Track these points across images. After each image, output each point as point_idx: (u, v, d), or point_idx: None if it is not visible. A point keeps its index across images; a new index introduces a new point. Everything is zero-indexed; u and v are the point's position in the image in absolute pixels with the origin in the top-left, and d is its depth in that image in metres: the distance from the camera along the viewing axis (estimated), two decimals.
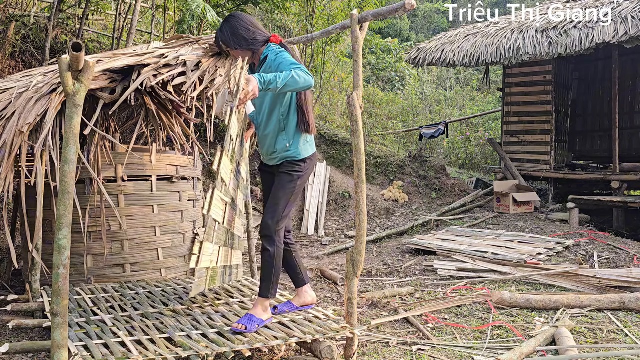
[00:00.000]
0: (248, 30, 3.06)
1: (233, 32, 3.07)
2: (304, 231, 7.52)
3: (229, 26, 3.09)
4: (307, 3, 8.20)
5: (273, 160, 3.17)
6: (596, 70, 9.80)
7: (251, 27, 3.08)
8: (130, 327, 3.03)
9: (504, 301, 4.03)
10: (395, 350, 3.24)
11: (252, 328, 2.90)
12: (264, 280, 3.05)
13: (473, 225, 7.25)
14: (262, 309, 3.02)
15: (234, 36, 3.06)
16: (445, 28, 16.37)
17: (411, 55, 9.35)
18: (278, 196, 3.04)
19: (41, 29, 6.98)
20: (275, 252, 3.01)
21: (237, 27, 3.06)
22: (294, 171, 3.07)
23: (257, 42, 3.08)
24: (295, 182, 3.06)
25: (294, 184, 3.06)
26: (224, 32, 3.10)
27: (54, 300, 2.42)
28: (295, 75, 2.78)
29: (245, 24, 3.08)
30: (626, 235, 6.79)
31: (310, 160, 3.16)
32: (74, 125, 2.48)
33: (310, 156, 3.17)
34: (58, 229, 2.45)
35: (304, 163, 3.11)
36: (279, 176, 3.11)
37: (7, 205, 5.12)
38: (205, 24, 6.15)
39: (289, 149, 3.08)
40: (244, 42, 3.07)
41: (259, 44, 3.08)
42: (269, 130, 3.12)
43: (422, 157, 9.69)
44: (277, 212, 3.01)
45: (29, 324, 3.49)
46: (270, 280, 3.03)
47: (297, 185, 3.07)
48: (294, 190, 3.06)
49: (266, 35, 3.11)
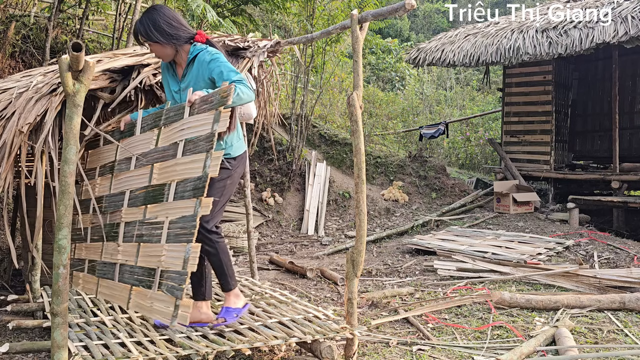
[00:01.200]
0: (171, 25, 2.88)
1: (154, 24, 2.86)
2: (304, 231, 7.52)
3: (149, 18, 2.88)
4: (307, 3, 8.19)
5: None
6: (596, 70, 9.79)
7: (174, 21, 2.91)
8: (130, 328, 3.03)
9: (504, 301, 4.03)
10: (395, 350, 3.24)
11: (232, 319, 2.92)
12: (221, 277, 3.02)
13: (473, 225, 7.25)
14: (235, 298, 3.05)
15: (155, 29, 2.85)
16: (445, 28, 16.37)
17: (411, 55, 9.36)
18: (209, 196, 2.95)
19: (41, 29, 6.98)
20: (219, 248, 2.96)
21: (158, 20, 2.87)
22: (225, 169, 2.93)
23: (180, 37, 2.91)
24: (225, 181, 2.96)
25: (223, 182, 2.95)
26: (144, 24, 2.89)
27: (54, 300, 2.42)
28: (240, 93, 2.67)
29: (167, 18, 2.89)
30: (626, 235, 6.79)
31: (241, 158, 3.06)
32: (74, 125, 2.49)
33: (242, 154, 3.07)
34: (58, 229, 2.45)
35: (234, 161, 3.00)
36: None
37: (7, 206, 5.11)
38: (205, 24, 6.14)
39: (223, 147, 2.95)
40: (165, 36, 2.87)
41: (182, 40, 2.91)
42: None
43: (422, 157, 9.69)
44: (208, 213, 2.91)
45: (29, 324, 3.49)
46: (226, 274, 3.01)
47: (226, 185, 2.98)
48: (224, 189, 2.97)
49: (191, 32, 2.95)
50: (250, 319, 3.14)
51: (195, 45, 2.93)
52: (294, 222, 7.80)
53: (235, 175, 3.02)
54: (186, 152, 2.69)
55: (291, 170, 8.36)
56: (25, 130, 3.03)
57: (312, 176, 8.29)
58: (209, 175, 2.49)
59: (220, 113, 2.53)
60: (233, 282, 3.06)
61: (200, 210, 2.47)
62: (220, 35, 4.12)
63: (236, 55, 3.76)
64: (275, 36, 4.47)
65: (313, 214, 7.78)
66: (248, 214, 4.63)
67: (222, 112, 2.53)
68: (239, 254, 6.13)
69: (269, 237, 7.26)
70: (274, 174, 8.31)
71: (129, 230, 2.96)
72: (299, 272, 5.32)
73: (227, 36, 4.02)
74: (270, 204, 7.92)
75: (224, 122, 2.52)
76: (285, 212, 7.95)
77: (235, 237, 6.25)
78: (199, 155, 2.58)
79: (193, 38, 2.94)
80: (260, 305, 3.43)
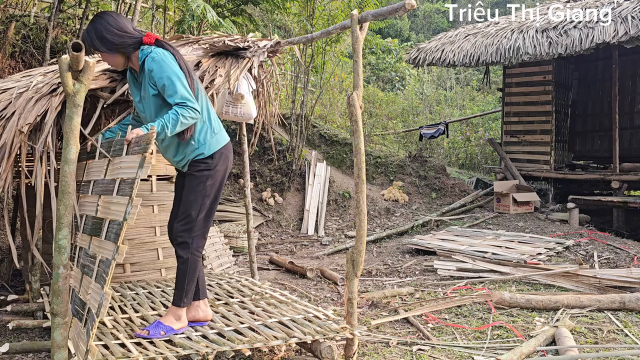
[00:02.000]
0: (114, 34, 2.73)
1: (97, 34, 2.71)
2: (304, 231, 7.52)
3: (93, 28, 2.73)
4: (307, 3, 8.19)
5: (182, 163, 2.91)
6: (596, 70, 9.79)
7: (117, 29, 2.74)
8: (129, 329, 3.03)
9: (504, 301, 4.03)
10: (395, 350, 3.24)
11: (156, 334, 2.77)
12: (177, 289, 2.88)
13: (473, 225, 7.25)
14: (174, 317, 2.88)
15: (99, 39, 2.70)
16: (445, 28, 16.36)
17: (411, 55, 9.36)
18: (188, 201, 2.83)
19: (41, 29, 6.98)
20: (190, 259, 2.83)
21: (101, 29, 2.72)
22: (201, 170, 2.83)
23: (127, 45, 2.75)
24: (204, 183, 2.83)
25: (202, 185, 2.82)
26: (90, 34, 2.74)
27: (54, 300, 2.42)
28: (183, 119, 2.60)
29: (110, 27, 2.73)
30: (626, 235, 6.79)
31: (220, 154, 2.88)
32: (74, 125, 2.49)
33: (222, 149, 2.89)
34: (58, 229, 2.45)
35: (211, 159, 2.84)
36: (187, 178, 2.88)
37: (7, 206, 5.11)
38: (205, 24, 6.14)
39: (195, 147, 2.83)
40: (110, 45, 2.73)
41: (129, 48, 2.76)
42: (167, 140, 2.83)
43: (422, 157, 9.70)
44: (190, 218, 2.82)
45: (29, 324, 3.49)
46: (183, 289, 2.85)
47: (207, 187, 2.83)
48: (204, 192, 2.83)
49: (137, 37, 2.78)
50: (250, 318, 3.14)
51: (142, 49, 2.77)
52: (294, 222, 7.80)
53: (216, 175, 2.87)
54: (119, 192, 2.53)
55: (291, 170, 8.36)
56: (25, 131, 3.03)
57: (312, 176, 8.29)
58: (124, 223, 2.33)
59: (145, 159, 2.39)
60: (186, 300, 2.88)
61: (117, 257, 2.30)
62: (220, 35, 4.12)
63: (236, 55, 3.76)
64: (275, 36, 4.46)
65: (313, 214, 7.78)
66: (248, 214, 4.64)
67: (146, 158, 2.39)
68: (239, 254, 6.12)
69: (269, 237, 7.26)
70: (274, 174, 8.31)
71: (80, 256, 2.84)
72: (299, 272, 5.32)
73: (227, 36, 4.02)
74: (270, 204, 7.92)
75: (147, 168, 2.38)
76: (285, 212, 7.95)
77: (235, 237, 6.25)
78: (125, 199, 2.43)
79: (141, 42, 2.78)
80: (260, 305, 3.43)
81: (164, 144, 2.88)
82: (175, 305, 2.91)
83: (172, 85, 2.67)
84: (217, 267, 4.92)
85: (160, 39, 2.83)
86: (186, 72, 2.76)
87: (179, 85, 2.67)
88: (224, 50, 3.72)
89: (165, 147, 2.90)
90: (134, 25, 2.97)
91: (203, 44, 3.76)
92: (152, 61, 2.71)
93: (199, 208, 2.83)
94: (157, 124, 2.56)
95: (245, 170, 4.58)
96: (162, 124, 2.58)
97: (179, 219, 2.86)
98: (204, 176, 2.83)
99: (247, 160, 4.57)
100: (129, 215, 2.33)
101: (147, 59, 2.73)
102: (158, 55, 2.72)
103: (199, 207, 2.83)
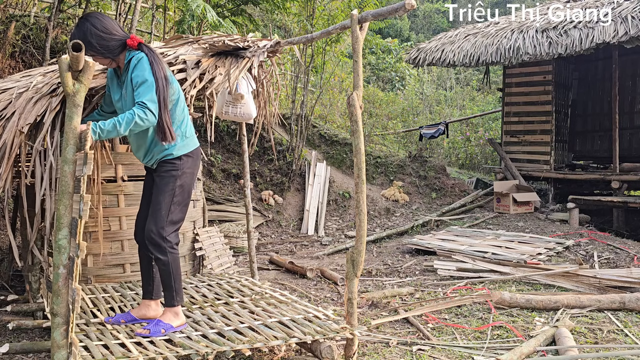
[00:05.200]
0: (100, 37, 2.75)
1: (83, 38, 2.70)
2: (304, 231, 7.52)
3: (79, 31, 2.75)
4: (307, 3, 8.19)
5: (150, 162, 3.00)
6: (596, 70, 9.79)
7: (103, 33, 2.76)
8: (129, 329, 3.03)
9: (504, 301, 4.03)
10: (395, 350, 3.24)
11: (157, 332, 2.83)
12: (166, 290, 2.94)
13: (473, 225, 7.25)
14: (172, 315, 2.94)
15: (85, 43, 2.65)
16: (445, 28, 16.37)
17: (411, 55, 9.36)
18: (158, 201, 2.90)
19: (41, 29, 6.98)
20: (169, 259, 2.89)
21: (86, 32, 2.74)
22: (169, 170, 2.91)
23: (111, 48, 2.80)
24: (174, 183, 2.91)
25: (172, 185, 2.90)
26: (76, 36, 2.73)
27: (54, 300, 2.42)
28: (139, 120, 2.63)
29: (96, 30, 2.75)
30: (626, 235, 6.79)
31: (187, 157, 2.97)
32: (74, 125, 2.49)
33: (189, 153, 2.98)
34: (58, 229, 2.45)
35: (179, 161, 2.93)
36: (157, 178, 2.96)
37: (7, 205, 5.12)
38: (205, 24, 6.14)
39: (165, 147, 2.91)
40: (96, 49, 2.76)
41: (115, 50, 2.81)
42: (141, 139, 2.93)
43: (422, 157, 9.70)
44: (160, 218, 2.88)
45: (29, 324, 3.49)
46: (172, 288, 2.93)
47: (176, 187, 2.92)
48: (174, 192, 2.91)
49: (122, 40, 2.82)
50: (251, 318, 3.14)
51: (130, 51, 2.84)
52: (294, 222, 7.80)
53: (184, 176, 2.94)
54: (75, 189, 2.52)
55: (291, 170, 8.36)
56: (25, 131, 3.03)
57: (312, 176, 8.29)
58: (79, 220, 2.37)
59: (87, 155, 2.40)
60: (178, 298, 2.95)
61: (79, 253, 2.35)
62: (220, 35, 4.12)
63: (236, 55, 3.76)
64: (275, 36, 4.46)
65: (313, 214, 7.78)
66: (248, 214, 4.63)
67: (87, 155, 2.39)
68: (239, 254, 6.12)
69: (269, 237, 7.26)
70: (274, 174, 8.32)
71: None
72: (299, 272, 5.32)
73: (227, 36, 4.02)
74: (270, 204, 7.92)
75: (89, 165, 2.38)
76: (285, 212, 7.95)
77: (235, 237, 6.25)
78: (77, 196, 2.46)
79: (126, 45, 2.83)
80: (260, 305, 3.43)
81: (137, 143, 2.97)
82: (169, 306, 2.96)
83: (141, 87, 2.73)
84: (217, 267, 4.91)
85: (143, 43, 2.88)
86: (162, 78, 2.80)
87: (146, 89, 2.72)
88: (223, 50, 3.72)
89: (137, 146, 2.99)
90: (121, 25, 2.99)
91: (203, 43, 3.76)
92: (135, 60, 2.78)
93: (168, 208, 2.91)
94: (108, 123, 2.61)
95: (245, 170, 4.58)
96: (114, 122, 2.62)
97: (149, 221, 2.92)
98: (172, 177, 2.92)
99: (247, 160, 4.57)
100: (82, 213, 2.37)
101: (133, 60, 2.80)
102: (140, 56, 2.80)
103: (169, 207, 2.91)
